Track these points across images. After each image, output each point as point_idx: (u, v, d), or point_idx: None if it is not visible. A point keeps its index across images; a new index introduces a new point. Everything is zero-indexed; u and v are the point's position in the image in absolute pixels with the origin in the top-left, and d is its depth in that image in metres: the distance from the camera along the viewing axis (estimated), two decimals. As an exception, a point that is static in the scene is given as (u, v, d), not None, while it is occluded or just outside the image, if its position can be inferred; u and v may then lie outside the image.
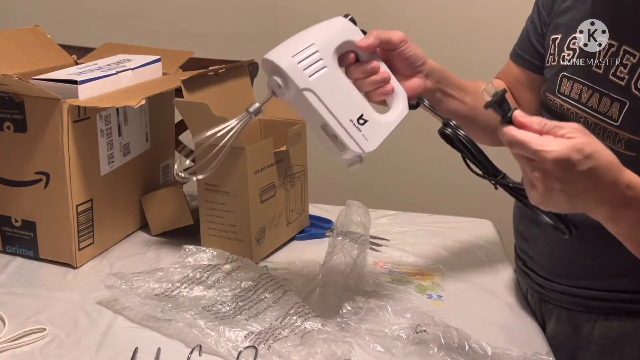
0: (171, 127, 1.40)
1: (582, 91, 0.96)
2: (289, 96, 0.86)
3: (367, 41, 0.88)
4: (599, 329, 0.99)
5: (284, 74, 0.84)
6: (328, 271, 1.09)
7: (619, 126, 0.90)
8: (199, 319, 0.92)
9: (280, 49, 0.87)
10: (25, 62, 1.24)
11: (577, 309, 1.02)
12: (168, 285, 1.01)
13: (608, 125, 0.92)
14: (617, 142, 0.91)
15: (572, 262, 1.00)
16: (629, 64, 0.90)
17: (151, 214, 1.27)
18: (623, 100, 0.90)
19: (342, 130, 0.87)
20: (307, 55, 0.86)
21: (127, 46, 1.41)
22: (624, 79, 0.90)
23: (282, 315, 0.96)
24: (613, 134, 0.91)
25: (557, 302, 1.04)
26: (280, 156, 1.19)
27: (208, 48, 1.70)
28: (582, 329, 1.01)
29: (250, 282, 1.03)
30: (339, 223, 1.24)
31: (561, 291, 1.03)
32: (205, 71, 1.20)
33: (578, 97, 0.97)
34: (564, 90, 1.00)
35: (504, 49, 1.19)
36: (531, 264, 1.08)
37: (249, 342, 0.89)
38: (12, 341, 0.91)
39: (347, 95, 0.89)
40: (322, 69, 0.86)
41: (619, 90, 0.90)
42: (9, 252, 1.17)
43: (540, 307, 1.08)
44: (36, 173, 1.10)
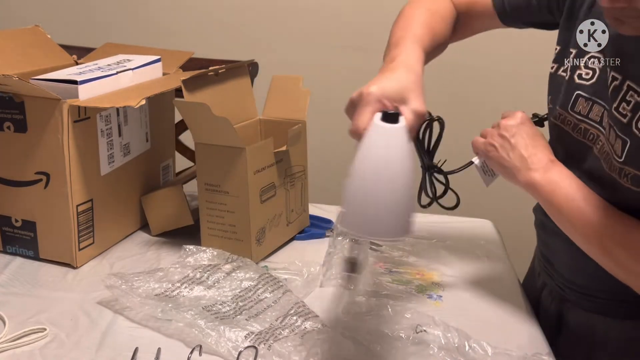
0: (171, 127, 1.40)
1: (603, 114, 0.92)
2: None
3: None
4: (616, 329, 1.00)
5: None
6: (328, 271, 1.09)
7: (623, 162, 0.87)
8: (199, 319, 0.92)
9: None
10: (25, 62, 1.24)
11: (594, 311, 1.02)
12: (168, 285, 1.01)
13: (614, 160, 0.89)
14: (623, 176, 0.87)
15: (593, 276, 0.99)
16: (632, 101, 0.85)
17: (151, 214, 1.27)
18: (624, 138, 0.86)
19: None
20: None
21: (127, 46, 1.41)
22: (626, 116, 0.86)
23: (282, 315, 0.96)
24: (618, 169, 0.88)
25: (577, 301, 1.05)
26: (280, 156, 1.19)
27: (208, 48, 1.70)
28: (598, 329, 1.02)
29: (250, 282, 1.03)
30: (339, 223, 1.24)
31: (581, 292, 1.04)
32: (205, 71, 1.20)
33: (599, 120, 0.93)
34: (581, 110, 0.96)
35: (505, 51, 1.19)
36: (551, 270, 1.10)
37: (249, 342, 0.89)
38: (12, 341, 0.91)
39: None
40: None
41: (622, 127, 0.87)
42: (9, 252, 1.17)
43: (558, 304, 1.08)
44: (36, 173, 1.10)
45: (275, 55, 2.03)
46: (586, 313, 1.04)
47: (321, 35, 2.07)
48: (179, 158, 1.50)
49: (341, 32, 2.06)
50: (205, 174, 1.15)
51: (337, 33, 2.06)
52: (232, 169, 1.12)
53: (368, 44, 1.99)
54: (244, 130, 1.27)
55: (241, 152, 1.10)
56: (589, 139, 0.95)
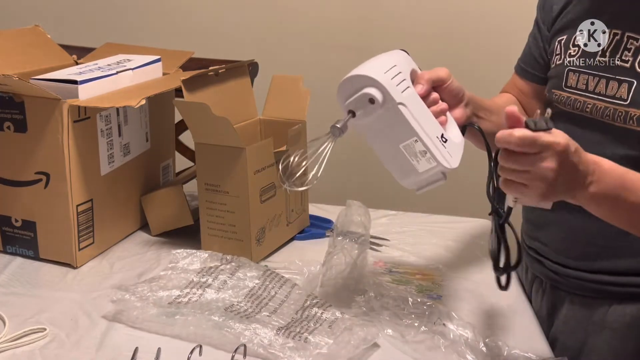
0: (171, 127, 1.40)
1: (588, 80, 1.01)
2: (378, 113, 0.88)
3: (423, 87, 0.92)
4: (613, 314, 1.02)
5: (383, 88, 0.86)
6: (328, 271, 1.09)
7: (629, 104, 0.95)
8: (228, 320, 0.92)
9: (368, 66, 0.89)
10: (25, 62, 1.24)
11: (591, 294, 1.03)
12: (177, 292, 1.00)
13: (618, 106, 0.97)
14: (629, 120, 0.96)
15: (587, 244, 1.04)
16: (632, 47, 0.97)
17: (151, 214, 1.27)
18: (631, 80, 0.96)
19: (432, 145, 0.89)
20: (395, 73, 0.89)
21: (127, 46, 1.41)
22: (628, 61, 0.97)
23: (299, 309, 0.97)
24: (624, 114, 0.96)
25: (571, 289, 1.06)
26: (280, 156, 1.19)
27: (208, 48, 1.70)
28: (594, 314, 1.03)
29: (256, 281, 1.03)
30: (339, 223, 1.24)
31: (575, 277, 1.05)
32: (205, 71, 1.20)
33: (585, 87, 1.02)
34: (571, 83, 1.04)
35: (506, 51, 1.20)
36: (544, 251, 1.10)
37: (282, 337, 0.90)
38: (12, 341, 0.91)
39: (429, 115, 0.92)
40: (408, 87, 0.89)
41: (625, 72, 0.97)
42: (9, 252, 1.17)
43: (550, 295, 1.09)
44: (36, 173, 1.10)
45: (275, 55, 2.03)
46: (582, 298, 1.04)
47: (321, 35, 2.07)
48: (179, 158, 1.50)
49: (341, 32, 2.06)
50: (205, 174, 1.15)
51: (337, 33, 2.06)
52: (232, 169, 1.12)
53: (368, 44, 2.00)
54: (244, 130, 1.27)
55: (241, 152, 1.10)
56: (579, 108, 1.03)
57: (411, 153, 0.90)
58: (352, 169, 1.99)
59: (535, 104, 1.15)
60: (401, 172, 0.92)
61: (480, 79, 1.99)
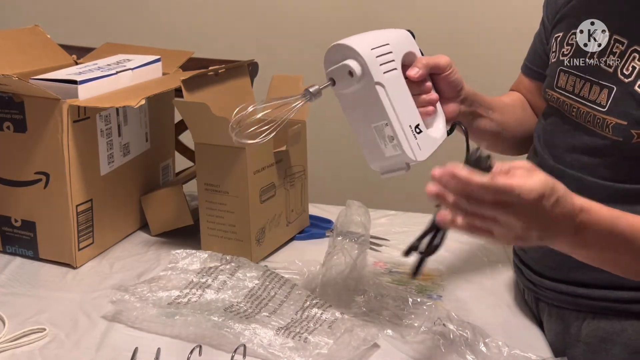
0: (171, 127, 1.40)
1: (575, 82, 1.00)
2: (355, 87, 0.87)
3: (418, 72, 0.91)
4: (587, 328, 0.99)
5: (364, 64, 0.85)
6: (328, 271, 1.09)
7: (606, 112, 0.93)
8: (228, 320, 0.92)
9: (358, 39, 0.88)
10: (25, 62, 1.24)
11: (566, 307, 1.02)
12: (176, 292, 1.00)
13: (597, 112, 0.94)
14: (605, 127, 0.93)
15: (561, 254, 1.00)
16: (617, 51, 0.93)
17: (151, 214, 1.27)
18: (611, 86, 0.93)
19: (402, 133, 0.88)
20: (383, 52, 0.88)
21: (127, 46, 1.41)
22: (612, 66, 0.94)
23: (299, 309, 0.97)
24: (601, 120, 0.94)
25: (548, 300, 1.04)
26: (280, 156, 1.19)
27: (208, 48, 1.70)
28: (570, 327, 1.01)
29: (256, 281, 1.03)
30: (339, 223, 1.24)
31: (551, 288, 1.03)
32: (205, 71, 1.20)
33: (572, 89, 1.00)
34: (561, 83, 1.03)
35: (508, 48, 1.20)
36: (525, 258, 1.09)
37: (281, 337, 0.89)
38: (12, 341, 0.91)
39: (409, 102, 0.90)
40: (393, 69, 0.88)
41: (608, 76, 0.94)
42: (8, 252, 1.17)
43: (535, 305, 1.08)
44: (36, 173, 1.10)
45: (275, 55, 2.03)
46: (558, 310, 1.03)
47: (321, 36, 2.07)
48: (179, 158, 1.50)
49: (341, 33, 2.05)
50: (205, 174, 1.15)
51: (337, 33, 2.05)
52: (231, 169, 1.12)
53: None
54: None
55: (241, 152, 1.10)
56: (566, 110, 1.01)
57: (381, 135, 0.89)
58: (352, 169, 1.98)
59: (542, 102, 1.14)
60: (369, 152, 0.91)
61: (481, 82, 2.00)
